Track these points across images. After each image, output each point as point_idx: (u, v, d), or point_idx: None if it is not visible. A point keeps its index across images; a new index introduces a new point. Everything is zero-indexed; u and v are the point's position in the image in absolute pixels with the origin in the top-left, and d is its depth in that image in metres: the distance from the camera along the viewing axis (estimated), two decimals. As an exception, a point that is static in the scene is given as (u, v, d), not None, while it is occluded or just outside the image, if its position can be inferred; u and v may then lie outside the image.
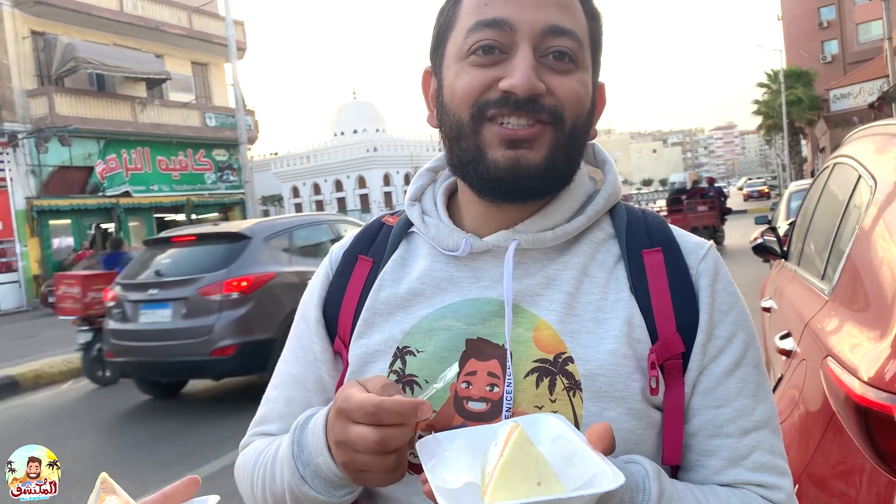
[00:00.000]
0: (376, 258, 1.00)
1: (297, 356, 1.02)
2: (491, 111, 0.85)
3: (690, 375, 0.88)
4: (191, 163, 26.99)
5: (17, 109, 21.67)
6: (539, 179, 0.87)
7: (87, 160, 23.27)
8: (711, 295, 0.89)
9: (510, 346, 0.87)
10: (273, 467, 0.91)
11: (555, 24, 0.85)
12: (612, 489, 0.65)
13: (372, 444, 0.74)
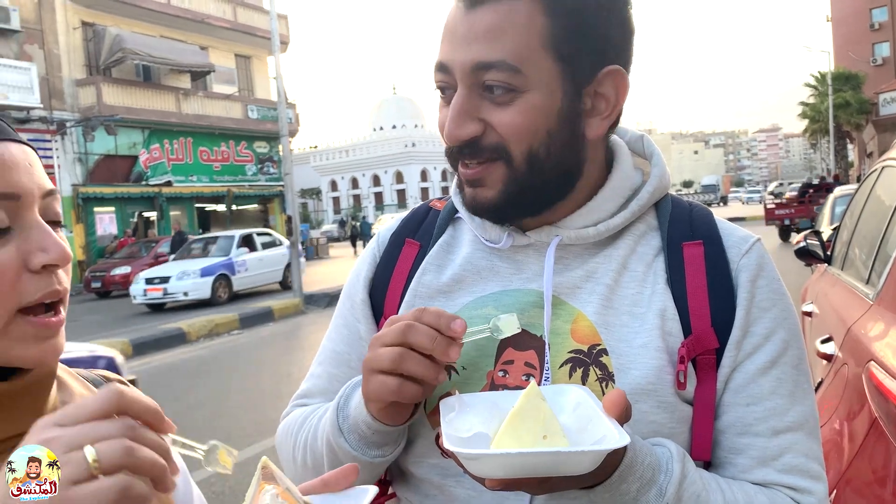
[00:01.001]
0: (423, 242, 1.02)
1: (341, 334, 1.05)
2: (453, 154, 0.90)
3: (723, 371, 0.87)
4: (232, 154, 27.39)
5: (67, 98, 22.22)
6: (497, 212, 0.90)
7: (132, 149, 23.77)
8: (751, 291, 0.88)
9: (549, 337, 0.88)
10: (318, 426, 0.94)
11: (479, 61, 0.82)
12: (610, 448, 0.66)
13: (390, 355, 0.78)
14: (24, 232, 0.69)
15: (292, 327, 12.06)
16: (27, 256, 0.68)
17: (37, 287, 0.69)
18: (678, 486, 0.77)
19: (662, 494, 0.77)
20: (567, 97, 0.85)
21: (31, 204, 0.70)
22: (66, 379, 0.82)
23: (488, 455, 0.66)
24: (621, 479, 0.75)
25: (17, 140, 0.71)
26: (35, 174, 0.71)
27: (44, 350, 0.70)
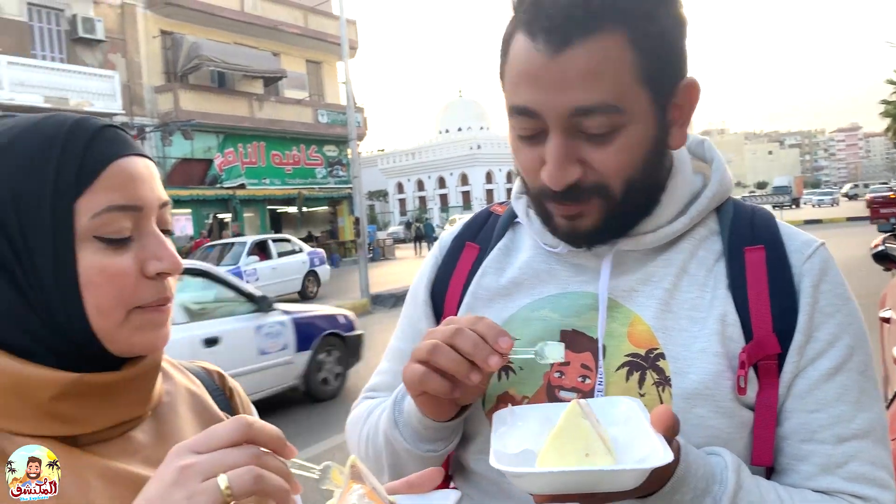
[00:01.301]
0: (482, 245, 1.05)
1: (406, 333, 1.09)
2: (544, 193, 0.88)
3: (785, 377, 0.86)
4: (303, 157, 27.96)
5: (146, 104, 23.12)
6: (594, 240, 0.90)
7: (207, 153, 24.53)
8: (814, 296, 0.87)
9: (604, 340, 0.90)
10: (378, 419, 0.98)
11: (578, 106, 0.80)
12: (651, 467, 0.66)
13: (445, 331, 0.80)
14: (142, 241, 0.75)
15: (360, 327, 12.23)
16: (144, 264, 0.74)
17: (151, 292, 0.75)
18: (733, 497, 0.77)
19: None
20: (658, 120, 0.85)
21: (150, 215, 0.76)
22: (170, 370, 0.89)
23: (532, 473, 0.68)
24: (674, 490, 0.76)
25: (141, 154, 0.77)
26: (155, 187, 0.77)
27: (156, 336, 0.77)
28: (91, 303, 0.72)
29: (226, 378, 0.96)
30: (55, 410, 0.72)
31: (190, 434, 0.82)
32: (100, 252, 0.72)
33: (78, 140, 0.72)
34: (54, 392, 0.71)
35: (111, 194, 0.72)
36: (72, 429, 0.73)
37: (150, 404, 0.80)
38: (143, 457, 0.76)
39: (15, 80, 19.21)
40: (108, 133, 0.75)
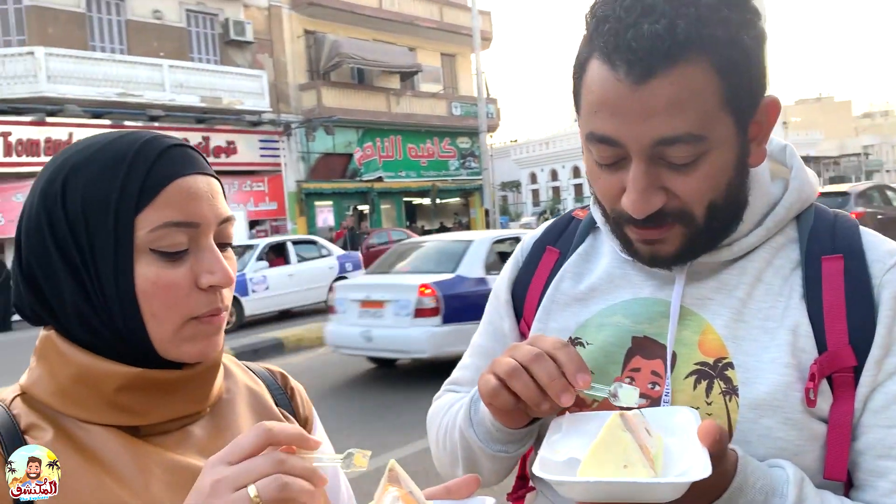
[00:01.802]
0: (563, 249, 1.05)
1: (487, 330, 1.11)
2: (624, 218, 0.87)
3: (861, 391, 0.83)
4: (437, 150, 28.47)
5: (291, 102, 24.34)
6: (679, 259, 0.89)
7: (347, 148, 25.50)
8: (894, 308, 0.83)
9: (675, 347, 0.89)
10: (456, 414, 1.00)
11: (663, 137, 0.78)
12: (686, 481, 0.67)
13: (527, 353, 0.80)
14: (198, 254, 0.79)
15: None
16: (198, 276, 0.78)
17: (203, 303, 0.79)
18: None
19: None
20: (740, 143, 0.84)
21: (207, 231, 0.80)
22: (234, 369, 0.94)
23: (569, 482, 0.70)
24: (731, 501, 0.75)
25: (205, 173, 0.82)
26: (215, 204, 0.81)
27: (206, 346, 0.81)
28: (147, 311, 0.77)
29: (288, 379, 1.01)
30: (119, 402, 0.77)
31: (246, 427, 0.87)
32: (155, 264, 0.77)
33: (145, 158, 0.78)
34: (118, 384, 0.77)
35: (169, 211, 0.77)
36: (134, 420, 0.78)
37: (208, 401, 0.85)
38: (199, 449, 0.81)
39: (175, 83, 20.81)
40: (173, 152, 0.80)
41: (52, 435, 0.75)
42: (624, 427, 0.71)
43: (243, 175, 22.56)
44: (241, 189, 22.45)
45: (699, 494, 0.74)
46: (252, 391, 0.93)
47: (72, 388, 0.77)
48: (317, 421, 1.02)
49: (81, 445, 0.76)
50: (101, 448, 0.76)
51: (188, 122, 21.15)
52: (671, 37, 0.76)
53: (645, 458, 0.70)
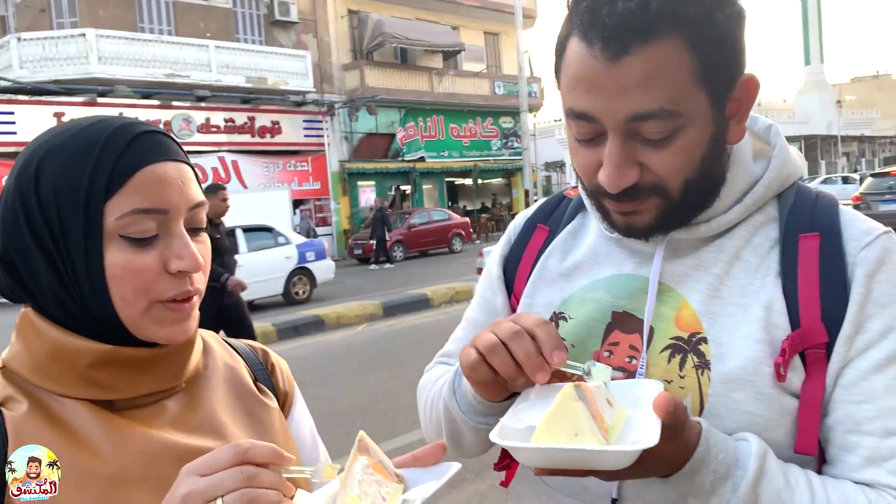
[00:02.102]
0: (553, 227, 1.08)
1: (480, 304, 1.14)
2: (601, 192, 0.89)
3: (833, 367, 0.84)
4: (479, 130, 28.36)
5: (335, 82, 24.48)
6: (653, 230, 0.90)
7: (390, 128, 25.58)
8: (866, 286, 0.84)
9: (653, 322, 0.91)
10: (441, 387, 1.03)
11: (637, 113, 0.80)
12: (622, 449, 0.69)
13: (508, 329, 0.82)
14: (168, 240, 0.81)
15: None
16: (167, 261, 0.80)
17: (172, 287, 0.81)
18: (753, 483, 0.77)
19: (736, 489, 0.77)
20: (715, 119, 0.85)
21: (177, 217, 0.81)
22: (213, 345, 0.97)
23: (522, 448, 0.73)
24: (693, 472, 0.77)
25: (175, 159, 0.83)
26: (185, 190, 0.82)
27: (175, 330, 0.83)
28: (116, 294, 0.79)
29: (269, 355, 1.04)
30: (91, 377, 0.80)
31: (220, 401, 0.91)
32: (125, 249, 0.79)
33: (115, 146, 0.79)
34: (90, 360, 0.80)
35: (137, 198, 0.78)
36: (107, 394, 0.81)
37: (182, 377, 0.88)
38: (173, 423, 0.84)
39: (221, 63, 21.09)
40: (143, 140, 0.81)
41: (27, 407, 0.78)
42: (577, 397, 0.73)
43: (287, 155, 22.83)
44: (286, 169, 22.74)
45: (660, 465, 0.76)
46: (230, 367, 0.96)
47: (47, 363, 0.81)
48: (297, 396, 1.05)
49: (55, 417, 0.79)
50: (75, 420, 0.79)
51: (234, 102, 21.45)
52: (644, 14, 0.77)
53: (597, 427, 0.72)
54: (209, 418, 0.87)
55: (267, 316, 10.64)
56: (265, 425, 0.93)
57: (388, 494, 0.74)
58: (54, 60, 18.53)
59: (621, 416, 0.77)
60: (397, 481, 0.77)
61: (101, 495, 0.76)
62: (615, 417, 0.76)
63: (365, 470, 0.74)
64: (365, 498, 0.71)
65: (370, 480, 0.74)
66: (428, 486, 0.75)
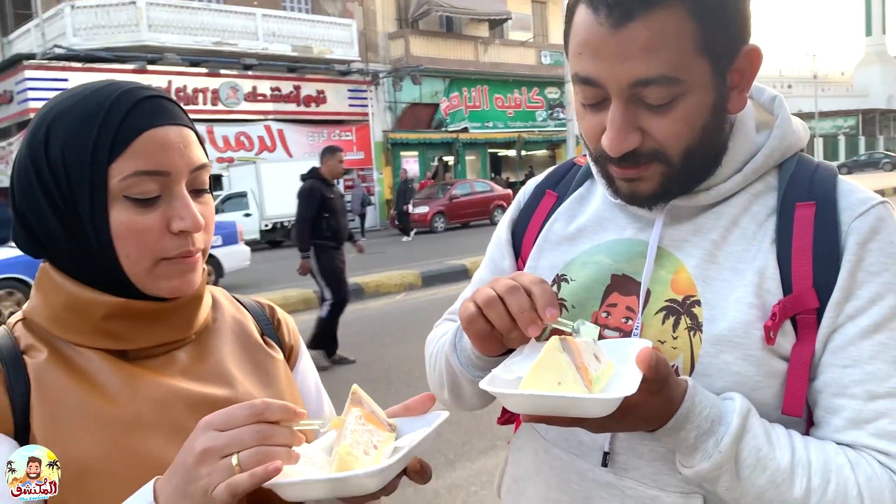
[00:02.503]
0: (561, 193, 1.11)
1: (489, 266, 1.18)
2: (604, 157, 0.91)
3: (822, 332, 0.86)
4: (524, 100, 28.12)
5: (380, 51, 24.48)
6: (655, 198, 0.93)
7: (434, 98, 25.53)
8: (858, 254, 0.86)
9: (650, 285, 0.94)
10: (445, 342, 1.07)
11: (639, 79, 0.82)
12: (600, 397, 0.72)
13: (506, 285, 0.84)
14: (170, 201, 0.84)
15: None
16: (169, 221, 0.84)
17: (174, 246, 0.85)
18: (735, 439, 0.80)
19: (718, 444, 0.80)
20: (717, 88, 0.86)
21: (179, 179, 0.85)
22: (222, 300, 1.02)
23: (509, 394, 0.76)
24: (677, 427, 0.81)
25: (178, 123, 0.86)
26: (187, 153, 0.85)
27: (181, 283, 0.87)
28: (122, 252, 0.84)
29: (276, 310, 1.08)
30: (106, 328, 0.85)
31: (228, 353, 0.96)
32: (128, 210, 0.83)
33: (119, 110, 0.83)
34: (104, 312, 0.85)
35: (139, 161, 0.82)
36: (121, 344, 0.86)
37: (193, 329, 0.92)
38: (183, 372, 0.89)
39: (268, 32, 21.26)
40: (147, 104, 0.84)
41: (46, 355, 0.84)
42: (561, 349, 0.77)
43: (332, 124, 22.99)
44: (330, 138, 22.89)
45: (644, 418, 0.79)
46: (237, 321, 1.01)
47: (64, 314, 0.86)
48: (303, 350, 1.09)
49: (73, 365, 0.84)
50: (91, 368, 0.84)
51: (280, 70, 21.63)
52: None
53: (581, 377, 0.75)
54: (218, 368, 0.92)
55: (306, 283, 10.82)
56: (271, 375, 0.98)
57: (380, 442, 0.79)
58: (106, 28, 18.90)
59: (608, 371, 0.80)
60: (389, 430, 0.82)
61: (117, 438, 0.81)
62: (601, 371, 0.79)
63: (357, 420, 0.79)
64: (357, 446, 0.75)
65: (362, 430, 0.78)
66: (417, 433, 0.79)
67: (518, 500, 1.06)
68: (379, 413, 0.82)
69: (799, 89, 50.61)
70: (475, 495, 3.74)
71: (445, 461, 4.18)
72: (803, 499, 0.81)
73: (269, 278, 11.43)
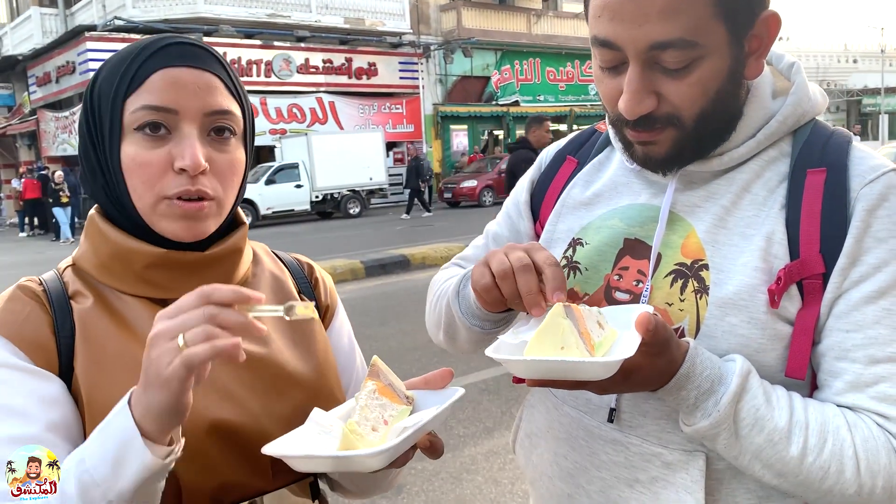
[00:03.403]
0: (581, 160, 1.13)
1: (506, 222, 1.21)
2: (621, 121, 0.92)
3: (827, 297, 0.87)
4: (577, 74, 27.68)
5: (432, 23, 24.34)
6: (667, 166, 0.95)
7: (485, 71, 25.32)
8: (865, 220, 0.87)
9: (661, 249, 0.96)
10: (449, 286, 1.11)
11: (656, 41, 0.83)
12: (598, 360, 0.74)
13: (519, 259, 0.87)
14: (178, 140, 0.87)
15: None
16: (174, 159, 0.87)
17: (176, 184, 0.87)
18: (734, 399, 0.83)
19: (717, 404, 0.83)
20: (733, 53, 0.87)
21: (189, 119, 0.87)
22: (262, 256, 1.06)
23: (513, 360, 0.78)
24: (678, 387, 0.84)
25: (202, 68, 0.89)
26: (203, 95, 0.88)
27: (183, 228, 0.88)
28: (130, 185, 0.88)
29: (314, 269, 1.12)
30: (148, 277, 0.91)
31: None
32: (137, 144, 0.87)
33: (144, 53, 0.88)
34: (146, 262, 0.90)
35: (149, 96, 0.86)
36: (162, 293, 0.90)
37: (232, 282, 0.96)
38: None
39: (321, 3, 21.35)
40: (172, 48, 0.89)
41: (91, 301, 0.90)
42: (564, 315, 0.79)
43: (382, 97, 23.03)
44: (381, 111, 22.98)
45: (646, 379, 0.83)
46: (276, 277, 1.05)
47: (109, 262, 0.92)
48: (339, 310, 1.13)
49: (116, 312, 0.89)
50: (133, 315, 0.89)
51: (332, 43, 21.72)
52: None
53: (583, 342, 0.77)
54: None
55: (359, 254, 10.97)
56: (305, 334, 1.01)
57: (392, 417, 0.82)
58: (164, 0, 19.22)
59: (611, 336, 0.83)
60: (406, 403, 0.85)
61: None
62: (604, 337, 0.82)
63: (370, 395, 0.82)
64: (365, 423, 0.78)
65: (374, 405, 0.81)
66: (428, 411, 0.82)
67: (530, 455, 1.11)
68: (397, 385, 0.85)
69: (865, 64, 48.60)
70: (511, 462, 3.81)
71: (484, 428, 4.26)
72: (799, 458, 0.83)
73: (319, 248, 11.61)
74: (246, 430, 0.89)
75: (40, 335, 0.86)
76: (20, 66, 23.24)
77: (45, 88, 21.88)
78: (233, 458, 0.89)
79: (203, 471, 0.86)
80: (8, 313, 0.86)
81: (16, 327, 0.85)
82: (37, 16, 22.35)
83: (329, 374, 1.00)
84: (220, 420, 0.88)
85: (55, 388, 0.84)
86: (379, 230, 15.12)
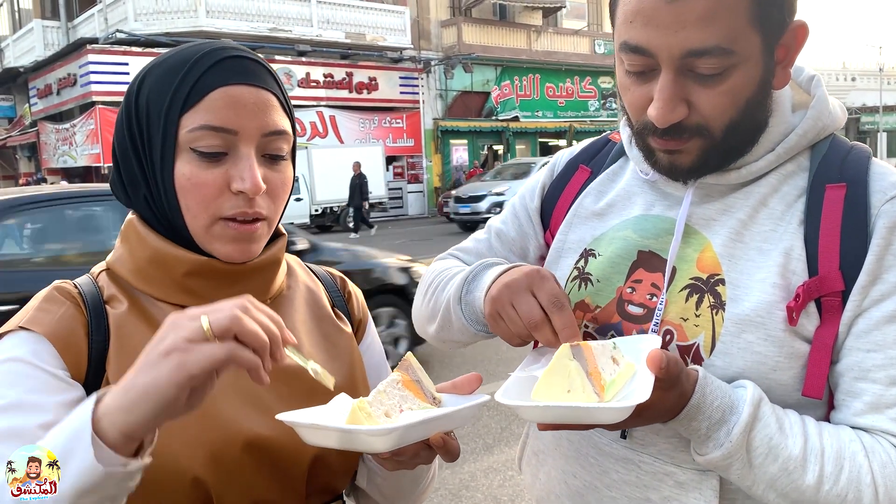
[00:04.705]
0: (594, 169, 1.11)
1: (513, 222, 1.18)
2: (648, 129, 0.91)
3: (846, 315, 0.85)
4: (577, 90, 27.77)
5: (432, 39, 24.44)
6: (694, 172, 0.93)
7: (485, 86, 25.40)
8: (887, 238, 0.85)
9: (676, 262, 0.94)
10: (449, 282, 1.08)
11: (693, 49, 0.82)
12: (620, 406, 0.72)
13: (529, 315, 0.86)
14: (236, 161, 0.85)
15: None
16: (231, 180, 0.85)
17: (232, 205, 0.85)
18: (746, 429, 0.81)
19: (729, 434, 0.80)
20: (765, 62, 0.86)
21: (247, 139, 0.85)
22: (296, 269, 1.04)
23: (523, 406, 0.76)
24: (689, 418, 0.81)
25: (258, 85, 0.86)
26: (261, 116, 0.86)
27: (236, 250, 0.87)
28: (183, 204, 0.86)
29: (347, 283, 1.10)
30: (187, 285, 0.89)
31: (300, 321, 0.97)
32: (193, 162, 0.85)
33: (200, 65, 0.85)
34: (186, 269, 0.88)
35: (208, 115, 0.84)
36: (200, 302, 0.85)
37: (269, 294, 0.95)
38: None
39: (322, 18, 21.42)
40: (229, 63, 0.86)
41: (126, 307, 0.87)
42: (571, 356, 0.77)
43: (383, 111, 23.08)
44: (381, 125, 23.01)
45: (658, 414, 0.81)
46: (310, 290, 1.03)
47: (147, 268, 0.89)
48: (370, 324, 1.11)
49: (151, 319, 0.86)
50: None
51: (333, 57, 21.79)
52: None
53: (591, 384, 0.75)
54: None
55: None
56: (339, 348, 1.00)
57: (411, 410, 0.79)
58: (166, 14, 19.31)
59: (626, 372, 0.80)
60: (431, 402, 0.83)
61: None
62: (618, 374, 0.79)
63: (391, 383, 0.80)
64: (378, 406, 0.77)
65: (393, 392, 0.80)
66: (446, 407, 0.80)
67: (537, 473, 1.09)
68: (426, 384, 0.84)
69: (863, 82, 48.90)
70: (511, 479, 3.78)
71: (484, 445, 4.22)
72: (816, 486, 0.81)
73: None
74: (280, 445, 0.87)
75: (74, 334, 0.84)
76: (21, 77, 23.27)
77: (46, 100, 21.89)
78: (268, 475, 0.87)
79: (238, 489, 0.84)
80: (44, 312, 0.85)
81: (51, 325, 0.83)
82: (39, 28, 22.42)
83: (361, 390, 0.98)
84: (256, 435, 0.86)
85: (77, 397, 0.81)
86: (379, 244, 15.09)
